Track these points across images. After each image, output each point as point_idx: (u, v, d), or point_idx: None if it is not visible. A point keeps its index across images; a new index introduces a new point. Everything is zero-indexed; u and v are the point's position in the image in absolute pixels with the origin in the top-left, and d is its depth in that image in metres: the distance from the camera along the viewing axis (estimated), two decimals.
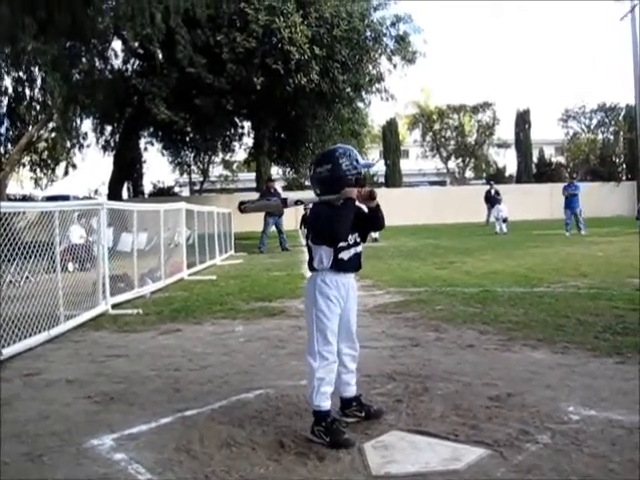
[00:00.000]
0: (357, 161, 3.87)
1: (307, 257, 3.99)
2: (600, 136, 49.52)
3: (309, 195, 3.99)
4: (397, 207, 31.47)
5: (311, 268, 3.94)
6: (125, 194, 36.62)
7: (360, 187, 3.83)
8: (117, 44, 25.04)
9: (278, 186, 23.37)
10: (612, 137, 49.07)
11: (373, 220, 4.00)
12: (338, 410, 4.01)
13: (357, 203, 3.82)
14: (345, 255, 3.87)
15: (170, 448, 3.67)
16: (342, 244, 3.85)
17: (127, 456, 3.57)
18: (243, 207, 3.96)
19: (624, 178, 45.51)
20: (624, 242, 18.06)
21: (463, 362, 5.42)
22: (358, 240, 3.97)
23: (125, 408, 4.45)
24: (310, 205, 4.02)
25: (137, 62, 25.88)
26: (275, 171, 37.65)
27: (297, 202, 3.99)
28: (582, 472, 3.19)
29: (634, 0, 38.58)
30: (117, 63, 25.90)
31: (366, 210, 3.95)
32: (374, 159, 46.93)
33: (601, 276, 10.57)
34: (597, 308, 7.51)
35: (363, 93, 25.97)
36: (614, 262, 12.69)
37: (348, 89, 24.33)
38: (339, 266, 3.86)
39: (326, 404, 3.77)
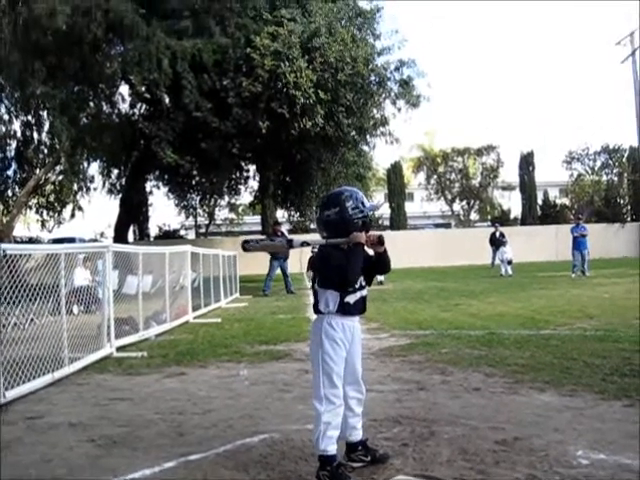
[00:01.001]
0: (363, 204, 3.89)
1: (312, 300, 3.98)
2: (604, 177, 49.60)
3: (315, 238, 4.00)
4: (402, 250, 31.50)
5: (316, 311, 3.93)
6: (131, 237, 36.72)
7: (367, 231, 3.85)
8: (124, 89, 25.34)
9: (284, 229, 23.42)
10: (616, 179, 49.17)
11: (380, 264, 4.01)
12: (344, 455, 3.97)
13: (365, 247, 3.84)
14: (351, 299, 3.87)
15: None
16: (349, 288, 3.85)
17: None
18: (247, 246, 3.95)
19: (629, 219, 45.59)
20: (630, 283, 17.99)
21: (469, 405, 5.38)
22: (363, 284, 3.98)
23: (128, 452, 4.41)
24: (316, 248, 4.03)
25: (144, 106, 26.16)
26: (280, 214, 37.75)
27: (303, 243, 4.00)
28: None
29: (634, 44, 39.19)
30: (124, 107, 26.14)
31: (372, 253, 3.96)
32: (379, 202, 47.00)
33: (607, 318, 10.53)
34: (604, 350, 7.47)
35: (368, 137, 26.11)
36: (620, 304, 12.65)
37: (353, 133, 24.49)
38: (345, 309, 3.85)
39: (332, 448, 3.73)
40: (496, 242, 28.65)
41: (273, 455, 4.24)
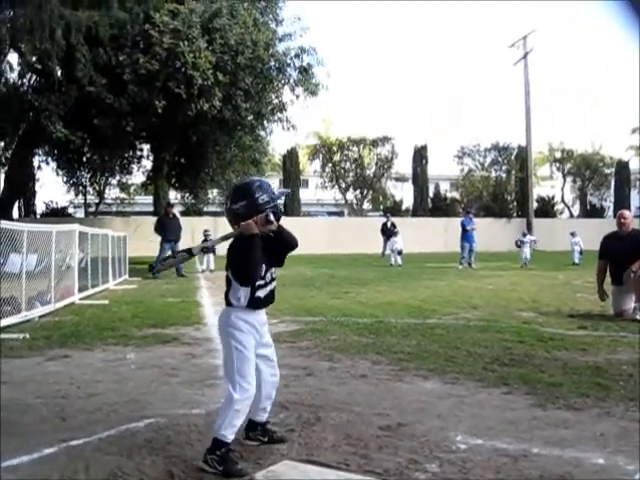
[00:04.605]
0: (273, 193, 3.86)
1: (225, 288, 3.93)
2: (493, 174, 51.47)
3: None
4: (295, 236, 31.52)
5: (227, 302, 3.89)
6: (16, 213, 35.23)
7: (278, 220, 3.81)
8: (13, 57, 24.19)
9: (176, 211, 23.03)
10: (504, 175, 51.10)
11: (282, 241, 3.95)
12: (243, 431, 3.99)
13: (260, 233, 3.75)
14: (262, 293, 3.87)
15: None
16: (260, 282, 3.84)
17: None
18: (155, 270, 3.99)
19: (515, 215, 47.51)
20: (513, 276, 18.79)
21: (356, 392, 5.47)
22: (274, 276, 3.98)
23: (5, 438, 4.22)
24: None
25: (34, 77, 25.07)
26: (173, 196, 37.12)
27: (203, 249, 4.00)
28: None
29: (527, 47, 40.83)
30: (12, 77, 24.96)
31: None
32: (287, 189, 47.20)
33: (491, 309, 10.94)
34: (486, 340, 7.76)
35: (265, 122, 26.04)
36: (503, 295, 13.16)
37: (250, 117, 24.37)
38: (255, 304, 3.85)
39: (232, 437, 3.73)
40: (387, 232, 29.19)
41: (158, 440, 4.19)
